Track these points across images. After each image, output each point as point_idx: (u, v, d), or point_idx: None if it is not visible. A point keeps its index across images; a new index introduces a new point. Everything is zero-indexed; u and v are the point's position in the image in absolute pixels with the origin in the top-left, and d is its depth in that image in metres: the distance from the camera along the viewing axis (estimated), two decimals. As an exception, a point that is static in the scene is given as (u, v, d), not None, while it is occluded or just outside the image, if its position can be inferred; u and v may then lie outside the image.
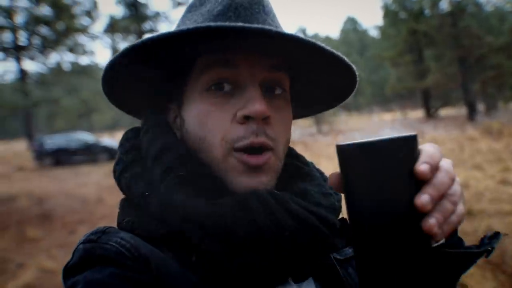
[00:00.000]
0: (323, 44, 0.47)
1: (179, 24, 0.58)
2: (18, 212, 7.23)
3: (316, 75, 0.58)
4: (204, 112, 0.51)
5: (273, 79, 0.53)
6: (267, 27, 0.43)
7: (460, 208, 0.42)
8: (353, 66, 0.53)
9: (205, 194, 0.48)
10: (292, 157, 0.63)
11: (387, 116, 32.80)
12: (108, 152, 15.88)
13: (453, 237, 0.56)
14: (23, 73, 20.88)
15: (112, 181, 0.57)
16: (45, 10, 11.17)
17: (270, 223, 0.46)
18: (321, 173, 0.65)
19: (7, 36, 11.71)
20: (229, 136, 0.50)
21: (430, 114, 26.00)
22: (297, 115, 0.68)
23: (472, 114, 21.56)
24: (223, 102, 0.51)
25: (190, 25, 0.52)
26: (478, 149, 10.42)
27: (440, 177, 0.40)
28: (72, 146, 16.42)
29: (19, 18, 10.99)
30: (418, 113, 29.85)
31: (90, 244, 0.45)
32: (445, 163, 0.41)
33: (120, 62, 0.49)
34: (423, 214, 0.38)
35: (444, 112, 27.69)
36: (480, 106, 27.12)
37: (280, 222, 0.47)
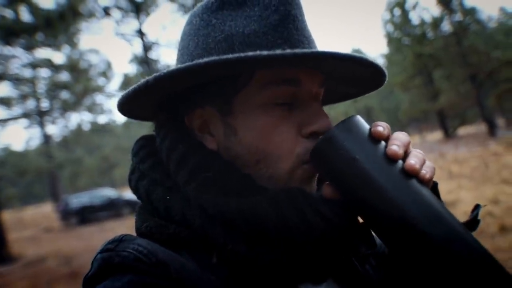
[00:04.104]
0: (376, 61, 0.50)
1: (214, 23, 0.52)
2: (47, 272, 7.27)
3: (347, 84, 0.61)
4: (269, 126, 0.51)
5: (320, 94, 0.55)
6: (342, 52, 0.45)
7: (429, 162, 0.47)
8: (386, 72, 0.55)
9: (234, 193, 0.49)
10: None
11: (405, 141, 32.18)
12: (131, 205, 16.01)
13: None
14: (46, 137, 21.77)
15: (136, 233, 0.55)
16: (64, 76, 11.88)
17: (299, 220, 0.47)
18: None
19: (30, 104, 12.42)
20: (300, 150, 0.51)
21: (449, 134, 25.53)
22: None
23: (492, 129, 21.07)
24: (286, 117, 0.51)
25: (238, 28, 0.50)
26: (504, 164, 10.08)
27: (396, 134, 0.47)
28: (96, 203, 16.64)
29: (41, 86, 11.70)
30: (436, 135, 29.35)
31: (107, 253, 0.45)
32: None
33: (165, 81, 0.48)
34: (396, 165, 0.43)
35: (462, 130, 27.16)
36: (500, 121, 26.52)
37: (309, 220, 0.47)
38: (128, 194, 16.72)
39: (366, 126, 0.47)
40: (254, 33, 0.50)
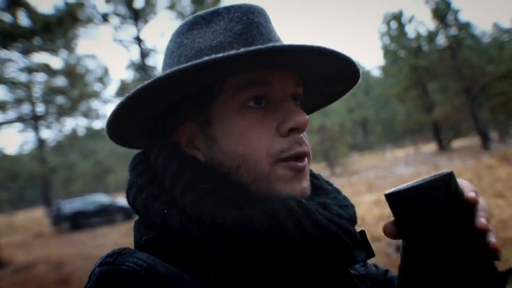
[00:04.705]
0: (351, 56, 0.52)
1: (185, 43, 0.55)
2: (37, 279, 7.16)
3: (324, 83, 0.62)
4: (245, 130, 0.52)
5: (297, 93, 0.56)
6: (315, 45, 0.46)
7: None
8: (359, 68, 0.56)
9: (231, 204, 0.49)
10: None
11: (400, 152, 32.45)
12: (124, 212, 15.91)
13: None
14: (40, 142, 21.61)
15: (130, 240, 0.56)
16: (60, 81, 11.86)
17: (297, 233, 0.47)
18: (331, 184, 0.65)
19: (25, 108, 12.36)
20: (274, 149, 0.52)
21: (443, 146, 25.68)
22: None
23: (485, 142, 21.23)
24: (262, 118, 0.52)
25: (206, 43, 0.53)
26: (497, 177, 10.15)
27: (482, 202, 0.49)
28: (89, 208, 16.51)
29: (36, 90, 11.66)
30: (430, 147, 29.51)
31: (106, 266, 0.45)
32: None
33: (139, 97, 0.49)
34: (480, 238, 0.45)
35: (456, 143, 27.36)
36: (493, 134, 26.79)
37: (306, 233, 0.48)
38: (122, 201, 16.61)
39: (458, 185, 0.48)
40: (220, 44, 0.53)
